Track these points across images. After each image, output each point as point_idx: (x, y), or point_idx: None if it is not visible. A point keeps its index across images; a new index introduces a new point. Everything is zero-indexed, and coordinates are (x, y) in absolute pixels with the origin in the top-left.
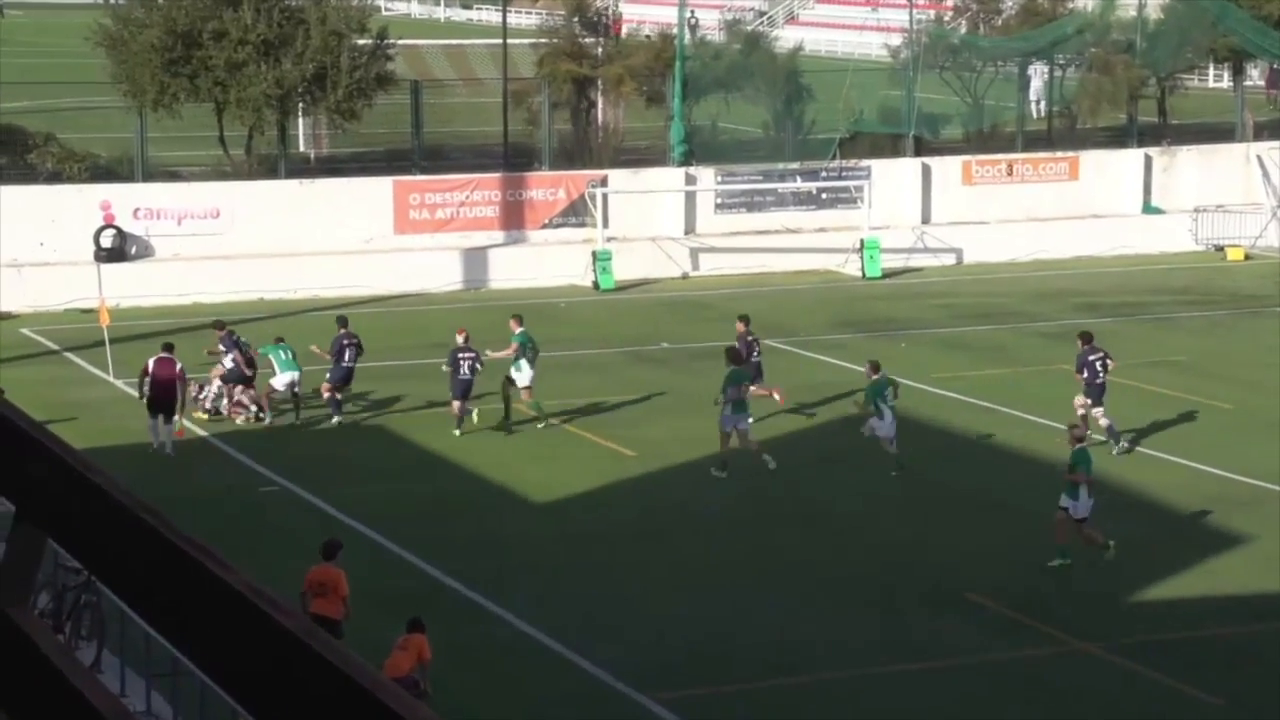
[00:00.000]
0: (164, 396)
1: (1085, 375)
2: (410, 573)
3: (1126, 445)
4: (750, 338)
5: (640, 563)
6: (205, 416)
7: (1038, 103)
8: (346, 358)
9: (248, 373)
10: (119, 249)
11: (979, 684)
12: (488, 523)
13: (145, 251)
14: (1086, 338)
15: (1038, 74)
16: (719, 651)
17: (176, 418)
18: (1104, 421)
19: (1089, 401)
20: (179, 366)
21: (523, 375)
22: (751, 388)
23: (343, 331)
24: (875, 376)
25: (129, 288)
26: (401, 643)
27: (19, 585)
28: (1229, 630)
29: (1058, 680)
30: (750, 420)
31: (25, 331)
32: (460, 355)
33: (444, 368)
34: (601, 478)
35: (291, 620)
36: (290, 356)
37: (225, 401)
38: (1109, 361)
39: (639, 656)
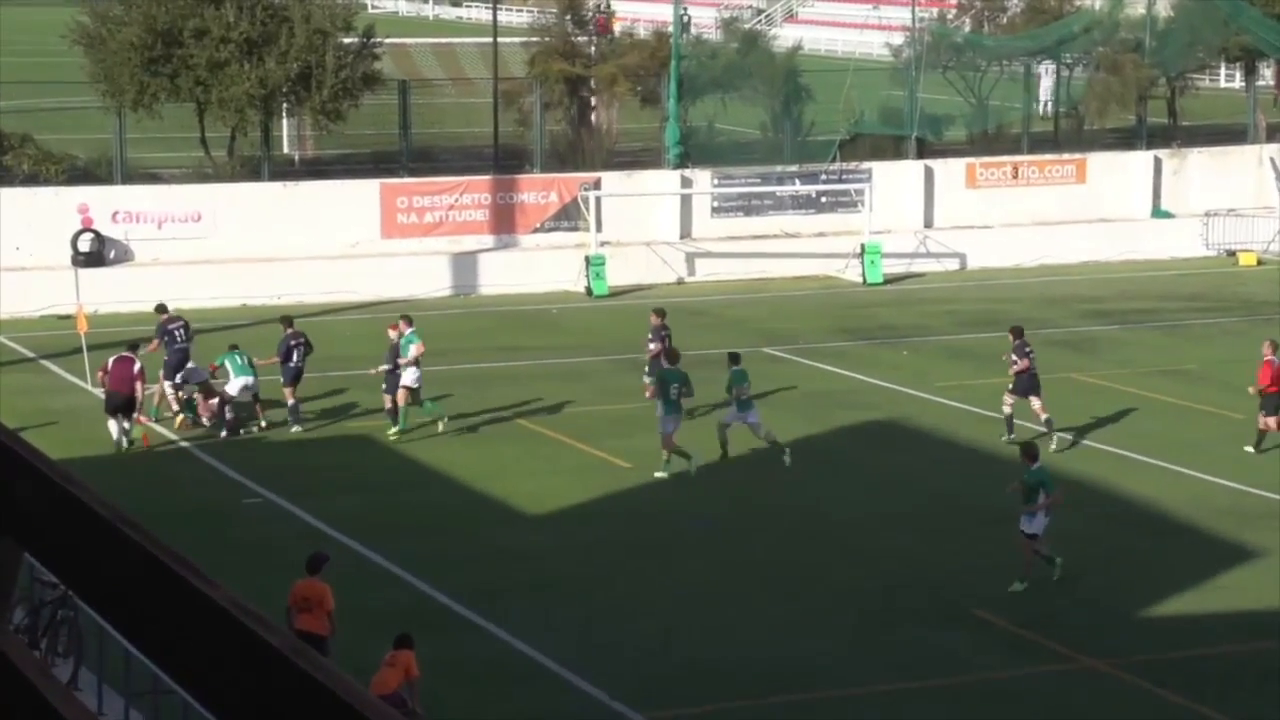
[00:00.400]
0: (120, 396)
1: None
2: (399, 587)
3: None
4: (664, 331)
5: (636, 576)
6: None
7: (1048, 102)
8: (294, 358)
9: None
10: (97, 253)
11: (985, 702)
12: (479, 535)
13: (124, 256)
14: (1018, 332)
15: (1048, 72)
16: (718, 667)
17: (136, 416)
18: (1044, 415)
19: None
20: (137, 367)
21: (409, 377)
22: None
23: (289, 331)
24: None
25: (108, 293)
26: (389, 659)
27: None
28: (1240, 647)
29: (1066, 698)
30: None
31: (0, 338)
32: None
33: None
34: (595, 489)
35: (278, 637)
36: (245, 362)
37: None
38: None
39: (636, 673)
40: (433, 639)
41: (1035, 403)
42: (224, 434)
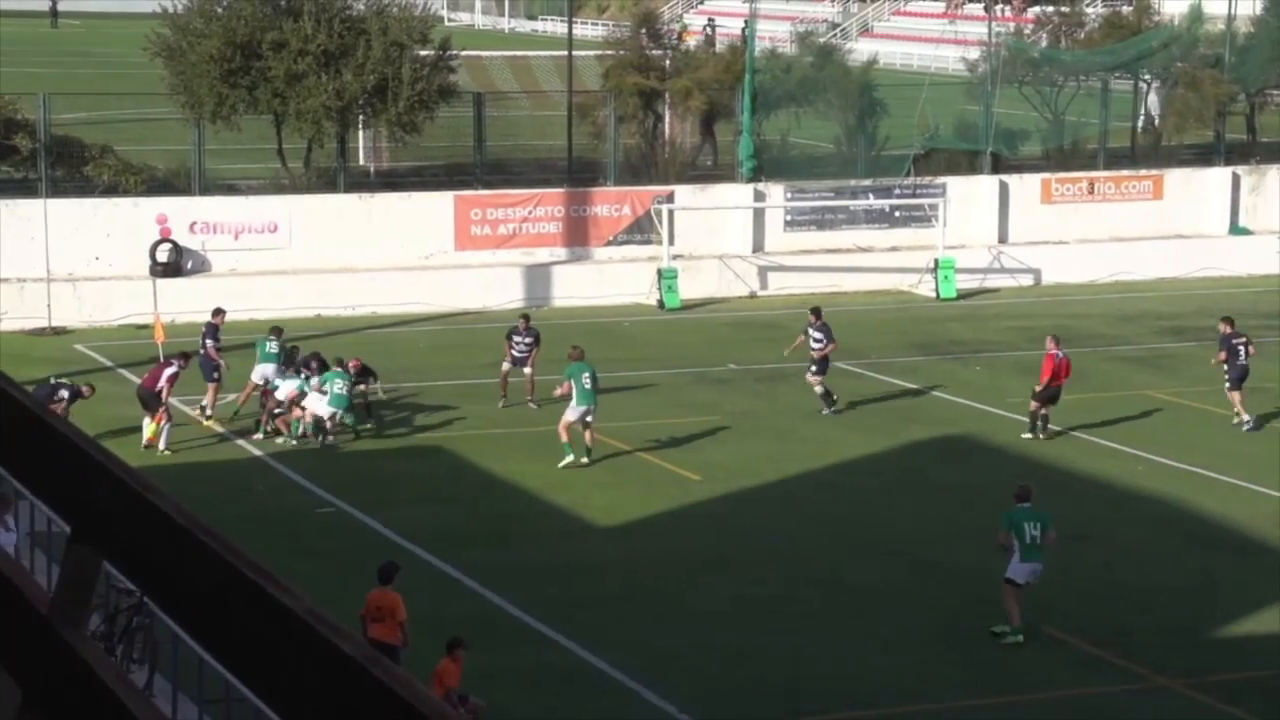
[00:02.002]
0: (146, 393)
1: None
2: (470, 598)
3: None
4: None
5: (706, 589)
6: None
7: (1155, 117)
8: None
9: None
10: (175, 264)
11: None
12: (549, 546)
13: (201, 266)
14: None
15: (1154, 89)
16: (788, 683)
17: (150, 420)
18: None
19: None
20: (171, 370)
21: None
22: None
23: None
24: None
25: (185, 303)
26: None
27: (74, 607)
28: None
29: (1138, 716)
30: None
31: (79, 347)
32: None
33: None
34: (666, 502)
35: (355, 647)
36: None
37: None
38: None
39: (706, 686)
40: (503, 650)
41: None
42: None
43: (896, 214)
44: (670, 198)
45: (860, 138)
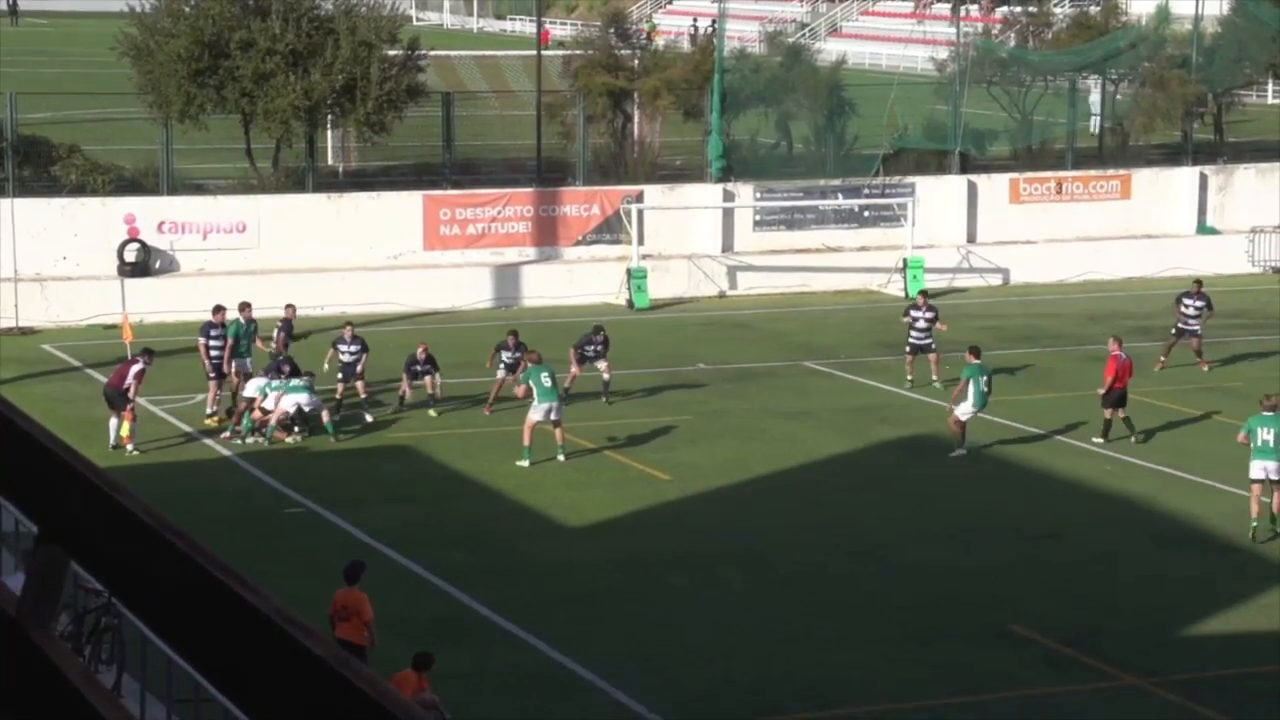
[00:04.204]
0: (111, 392)
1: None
2: (439, 598)
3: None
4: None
5: (675, 590)
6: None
7: (1096, 117)
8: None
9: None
10: (143, 263)
11: (1023, 718)
12: (518, 546)
13: (170, 266)
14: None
15: (1096, 87)
16: (756, 682)
17: (117, 419)
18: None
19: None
20: (135, 369)
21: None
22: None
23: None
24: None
25: (153, 303)
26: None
27: (42, 608)
28: None
29: (1103, 715)
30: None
31: (46, 347)
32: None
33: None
34: (636, 502)
35: (324, 648)
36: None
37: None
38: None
39: (675, 687)
40: (471, 650)
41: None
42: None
43: (865, 214)
44: (639, 197)
45: (829, 137)
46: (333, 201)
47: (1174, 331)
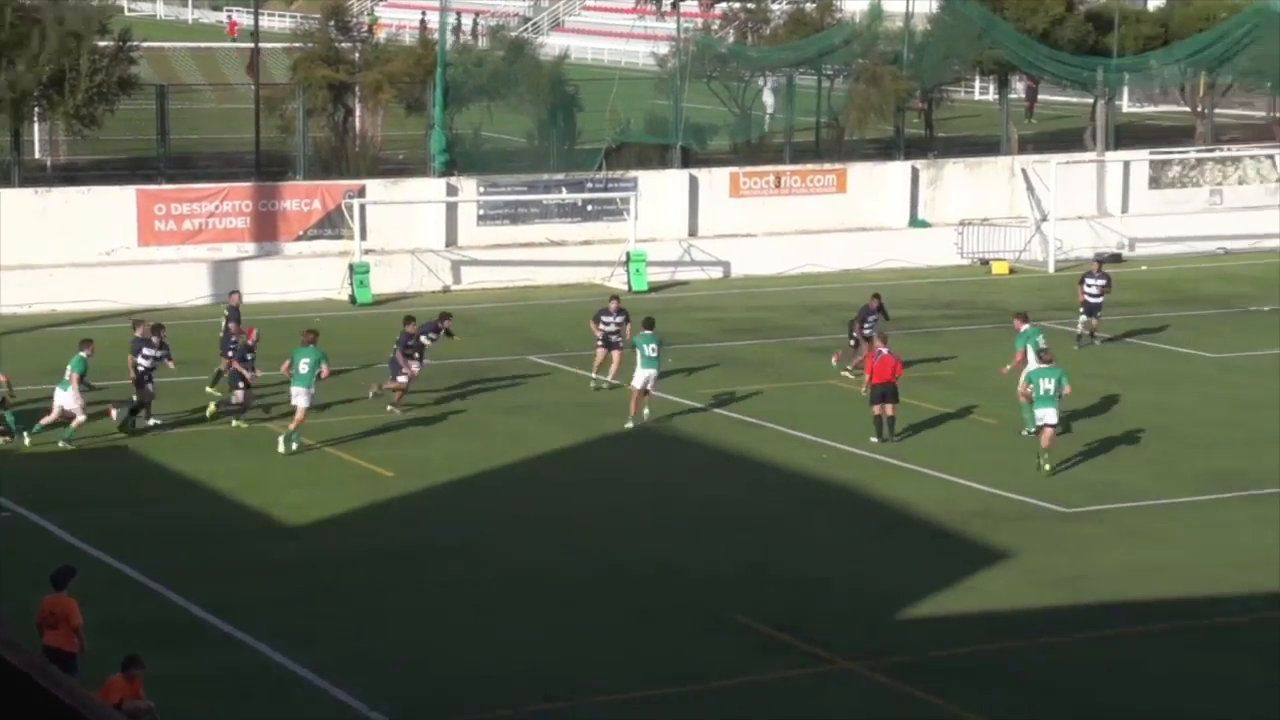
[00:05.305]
0: None
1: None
2: (153, 600)
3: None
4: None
5: (397, 587)
6: None
7: (773, 115)
8: None
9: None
10: None
11: (744, 705)
12: (240, 547)
13: None
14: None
15: (769, 86)
16: (475, 678)
17: None
18: None
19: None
20: None
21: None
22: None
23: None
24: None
25: None
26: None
27: None
28: (991, 646)
29: (823, 700)
30: None
31: None
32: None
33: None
34: (359, 499)
35: (21, 658)
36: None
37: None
38: None
39: (398, 684)
40: (188, 653)
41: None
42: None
43: (589, 208)
44: (361, 192)
45: (553, 132)
46: (40, 196)
47: (1082, 310)
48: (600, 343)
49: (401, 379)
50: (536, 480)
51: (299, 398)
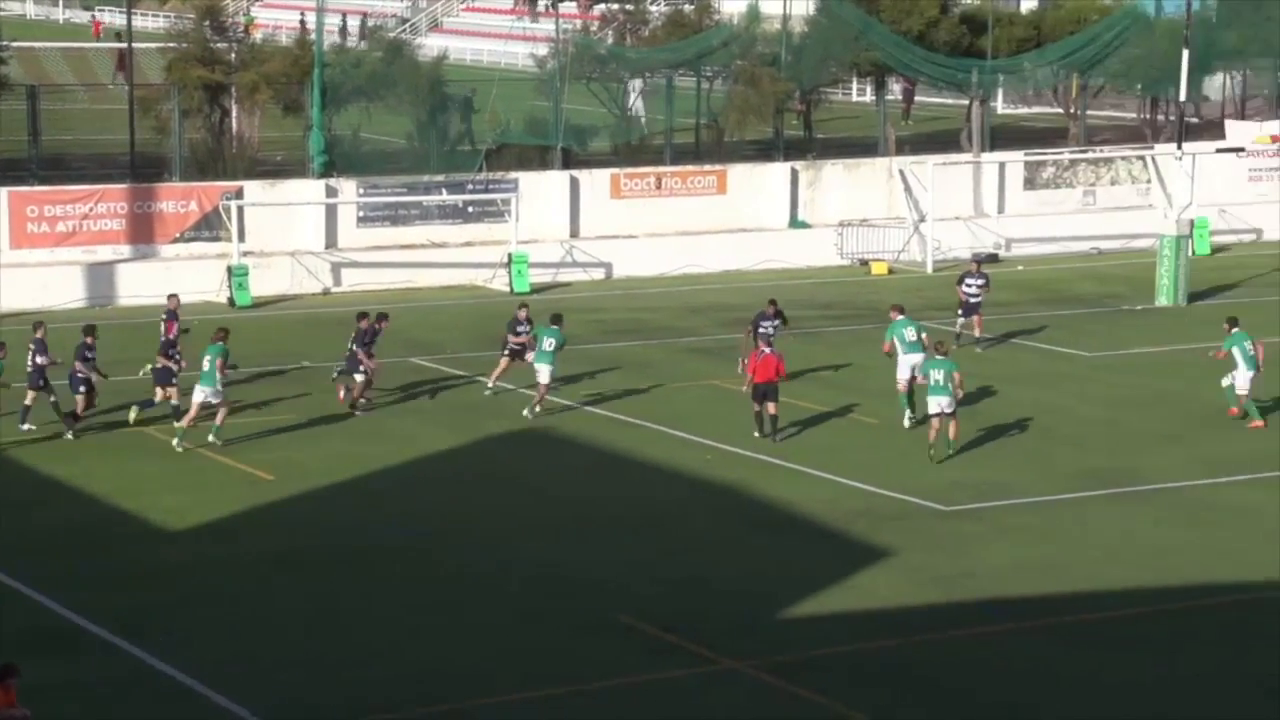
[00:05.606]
0: None
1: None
2: (29, 609)
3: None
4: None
5: (279, 591)
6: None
7: (638, 117)
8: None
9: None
10: None
11: (627, 706)
12: (117, 552)
13: None
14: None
15: (634, 88)
16: (361, 681)
17: None
18: None
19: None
20: None
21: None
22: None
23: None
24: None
25: None
26: None
27: None
28: (874, 645)
29: (708, 700)
30: None
31: None
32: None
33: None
34: (238, 503)
35: None
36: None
37: None
38: None
39: (280, 688)
40: (64, 661)
41: None
42: None
43: (470, 209)
44: (239, 194)
45: (432, 133)
46: None
47: (960, 311)
48: (505, 352)
49: (359, 376)
50: (419, 482)
51: (196, 394)
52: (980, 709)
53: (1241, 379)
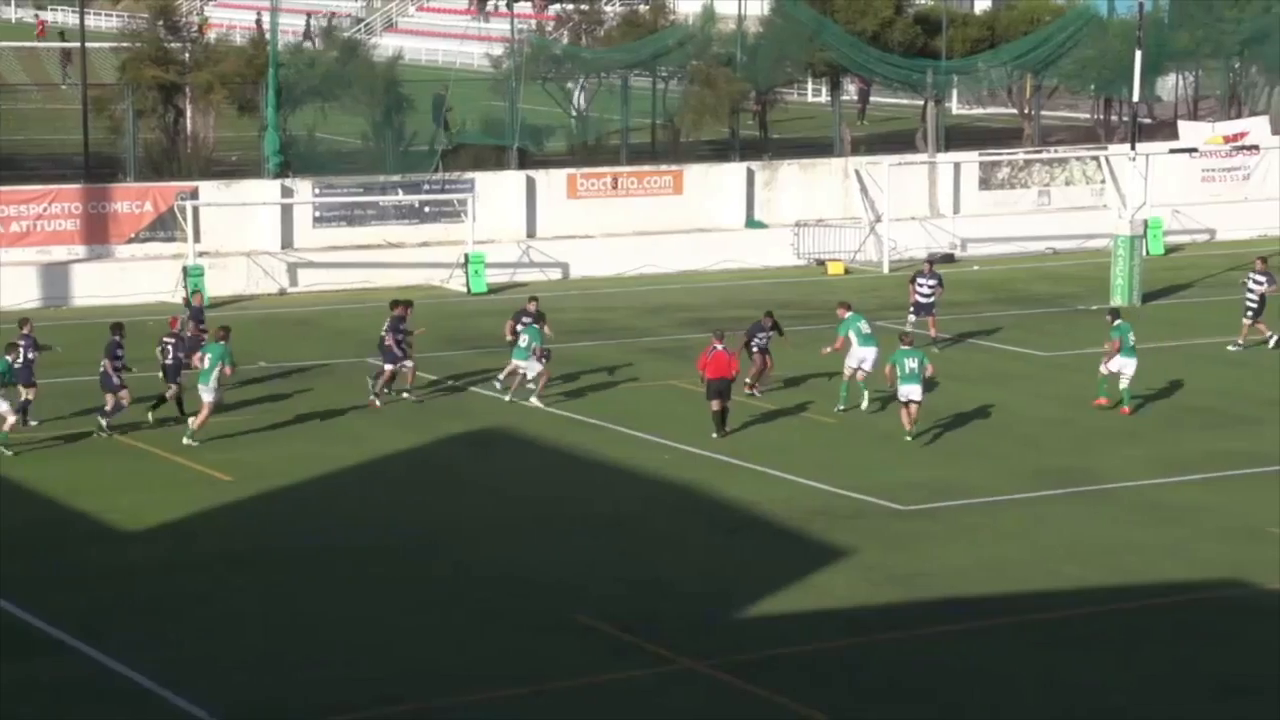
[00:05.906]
0: None
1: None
2: None
3: None
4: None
5: (237, 591)
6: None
7: (590, 117)
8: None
9: None
10: None
11: (585, 706)
12: (73, 553)
13: None
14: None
15: (581, 88)
16: (319, 682)
17: None
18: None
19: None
20: None
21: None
22: None
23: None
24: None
25: None
26: None
27: None
28: (832, 644)
29: (666, 700)
30: None
31: None
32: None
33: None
34: (196, 504)
35: None
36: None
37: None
38: None
39: (240, 689)
40: (20, 664)
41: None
42: None
43: (426, 209)
44: (194, 194)
45: (388, 133)
46: None
47: (911, 310)
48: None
49: (389, 367)
50: (377, 482)
51: (202, 394)
52: (938, 708)
53: (1127, 366)
